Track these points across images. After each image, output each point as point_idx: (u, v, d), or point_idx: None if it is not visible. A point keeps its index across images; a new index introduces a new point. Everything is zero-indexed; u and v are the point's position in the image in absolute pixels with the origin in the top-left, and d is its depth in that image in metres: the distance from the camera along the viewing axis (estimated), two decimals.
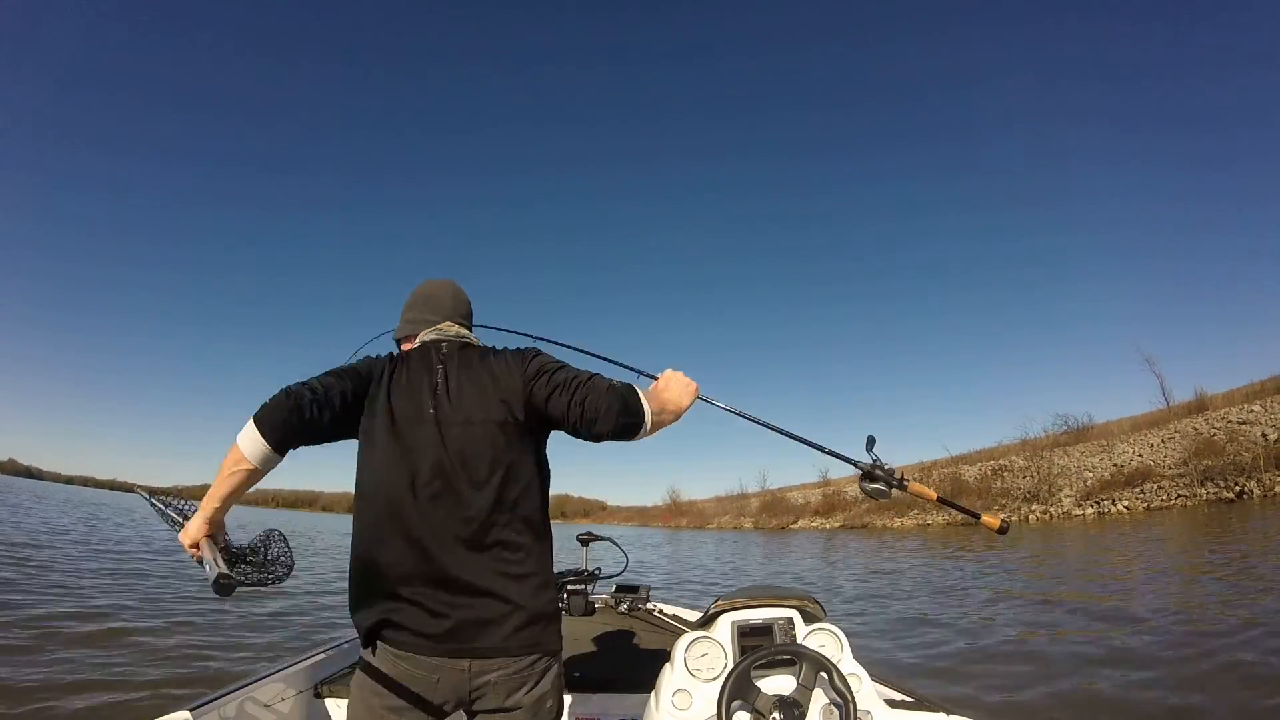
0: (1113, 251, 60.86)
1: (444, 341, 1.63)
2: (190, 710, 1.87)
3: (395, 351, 1.71)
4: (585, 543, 4.01)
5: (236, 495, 1.43)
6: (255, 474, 1.42)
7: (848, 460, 1.97)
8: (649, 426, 1.54)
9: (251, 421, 1.39)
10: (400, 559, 1.42)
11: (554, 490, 1.63)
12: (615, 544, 3.94)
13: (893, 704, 2.14)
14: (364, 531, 1.46)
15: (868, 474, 1.92)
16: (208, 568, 1.28)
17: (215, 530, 1.43)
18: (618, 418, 1.49)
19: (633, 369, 1.94)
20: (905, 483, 1.90)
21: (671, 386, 1.62)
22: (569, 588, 3.67)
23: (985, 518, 1.92)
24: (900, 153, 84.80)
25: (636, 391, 1.54)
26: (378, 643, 1.44)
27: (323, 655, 2.65)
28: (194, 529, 1.41)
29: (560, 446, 1.72)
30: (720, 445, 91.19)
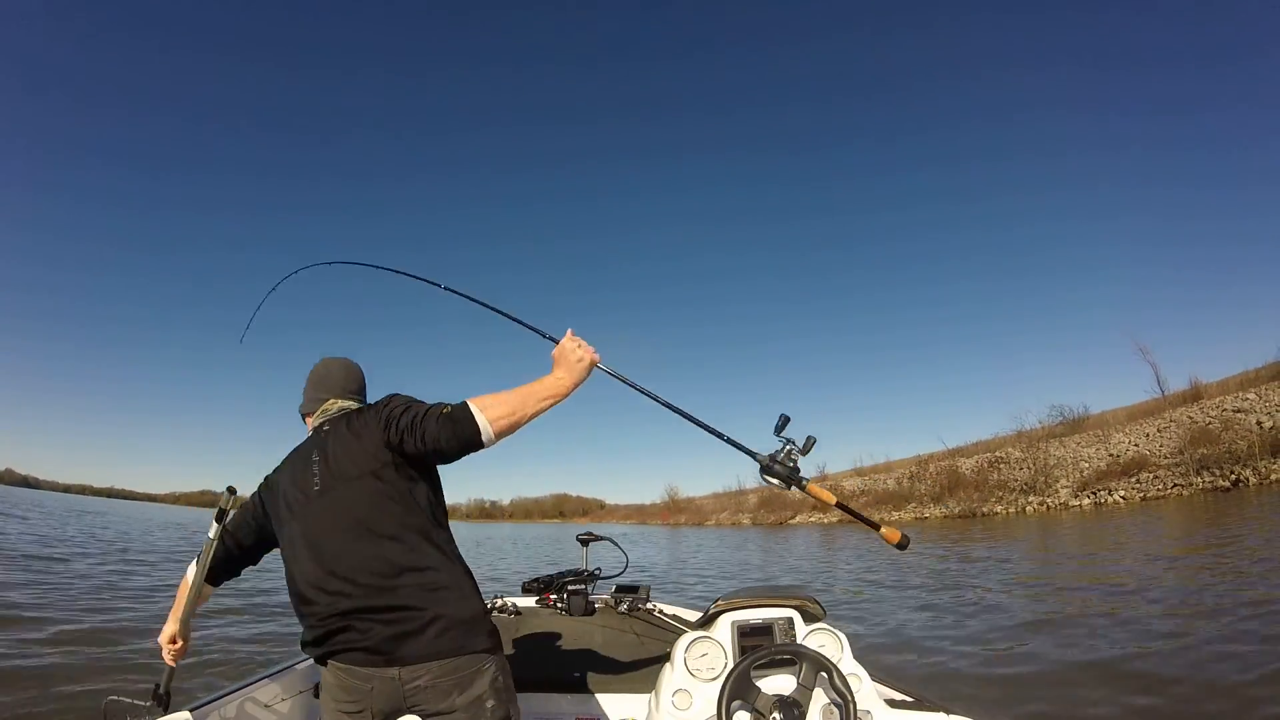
0: (1106, 240, 61.05)
1: (326, 422, 1.86)
2: (190, 710, 1.89)
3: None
4: (585, 543, 4.01)
5: (193, 609, 1.91)
6: (201, 597, 1.93)
7: (744, 450, 1.88)
8: (493, 435, 1.65)
9: (192, 563, 1.86)
10: (326, 608, 1.62)
11: (553, 490, 1.75)
12: (615, 544, 3.94)
13: (893, 704, 2.15)
14: (296, 594, 1.69)
15: (765, 467, 1.84)
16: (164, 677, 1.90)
17: (183, 635, 1.91)
18: (450, 441, 1.66)
19: (537, 330, 1.95)
20: (804, 481, 1.83)
21: (561, 362, 1.73)
22: (569, 588, 3.68)
23: (884, 530, 1.87)
24: (895, 144, 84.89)
25: (469, 410, 1.64)
26: (328, 661, 1.65)
27: None
28: (166, 632, 1.90)
29: (559, 447, 1.77)
30: (717, 441, 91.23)
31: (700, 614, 2.50)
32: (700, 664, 2.10)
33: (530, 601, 3.75)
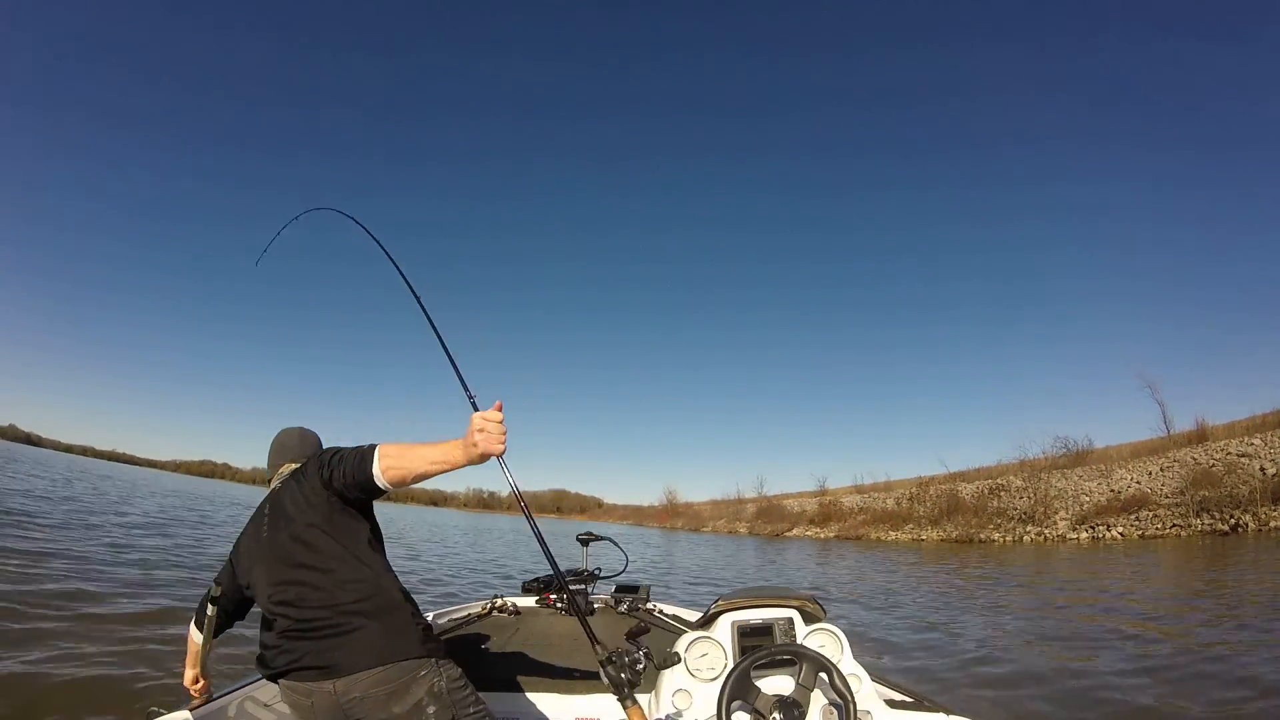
0: (1119, 274, 60.51)
1: (279, 480, 2.01)
2: (190, 710, 1.94)
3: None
4: (585, 543, 4.03)
5: (206, 659, 2.09)
6: (203, 649, 2.07)
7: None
8: (385, 483, 1.75)
9: (192, 625, 2.05)
10: (274, 630, 1.79)
11: (552, 486, 1.75)
12: (615, 544, 3.97)
13: (892, 704, 2.16)
14: (262, 621, 1.87)
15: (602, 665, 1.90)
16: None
17: (204, 676, 2.10)
18: (352, 479, 1.77)
19: (466, 388, 1.89)
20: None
21: (468, 434, 1.67)
22: (569, 588, 3.72)
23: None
24: (906, 163, 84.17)
25: (372, 455, 1.74)
26: (277, 680, 1.78)
27: None
28: (188, 676, 2.10)
29: (558, 442, 1.84)
30: (718, 447, 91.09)
31: (700, 614, 2.51)
32: (700, 664, 2.10)
33: (530, 601, 3.77)
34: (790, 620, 2.17)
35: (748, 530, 40.10)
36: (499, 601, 3.68)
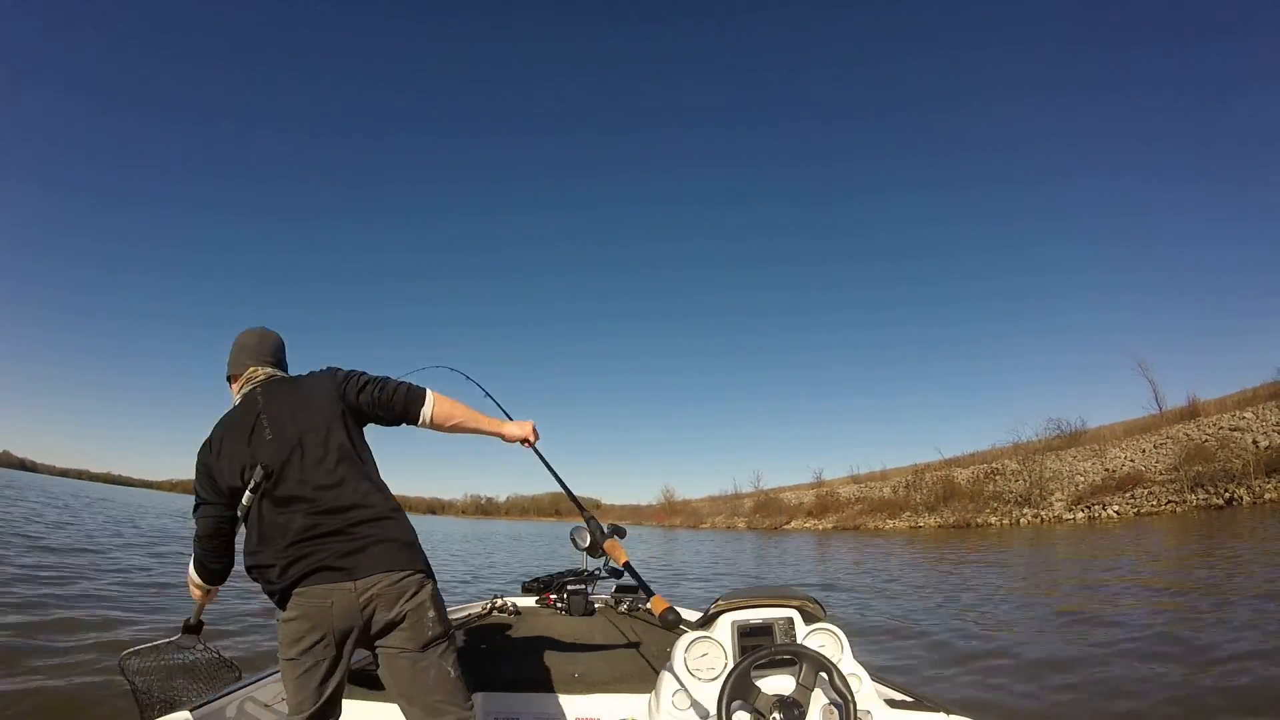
0: (1108, 257, 61.13)
1: (257, 386, 2.03)
2: (190, 710, 1.91)
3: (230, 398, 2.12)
4: None
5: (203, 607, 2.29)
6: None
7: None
8: (429, 420, 2.08)
9: (195, 578, 2.11)
10: (290, 539, 1.79)
11: (549, 488, 1.94)
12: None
13: (893, 704, 2.15)
14: (258, 539, 1.83)
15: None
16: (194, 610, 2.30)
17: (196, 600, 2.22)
18: (399, 406, 2.05)
19: (505, 412, 2.41)
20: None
21: (514, 424, 2.25)
22: (569, 588, 3.70)
23: (655, 600, 2.03)
24: (897, 163, 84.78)
25: (425, 394, 2.08)
26: (291, 593, 1.77)
27: None
28: (192, 578, 2.13)
29: (555, 444, 2.22)
30: (714, 445, 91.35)
31: (700, 614, 2.50)
32: (700, 664, 2.08)
33: (530, 601, 3.77)
34: (790, 620, 2.15)
35: (746, 525, 40.22)
36: (499, 602, 3.68)
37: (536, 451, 2.33)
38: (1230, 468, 17.33)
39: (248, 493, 1.84)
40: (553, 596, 3.81)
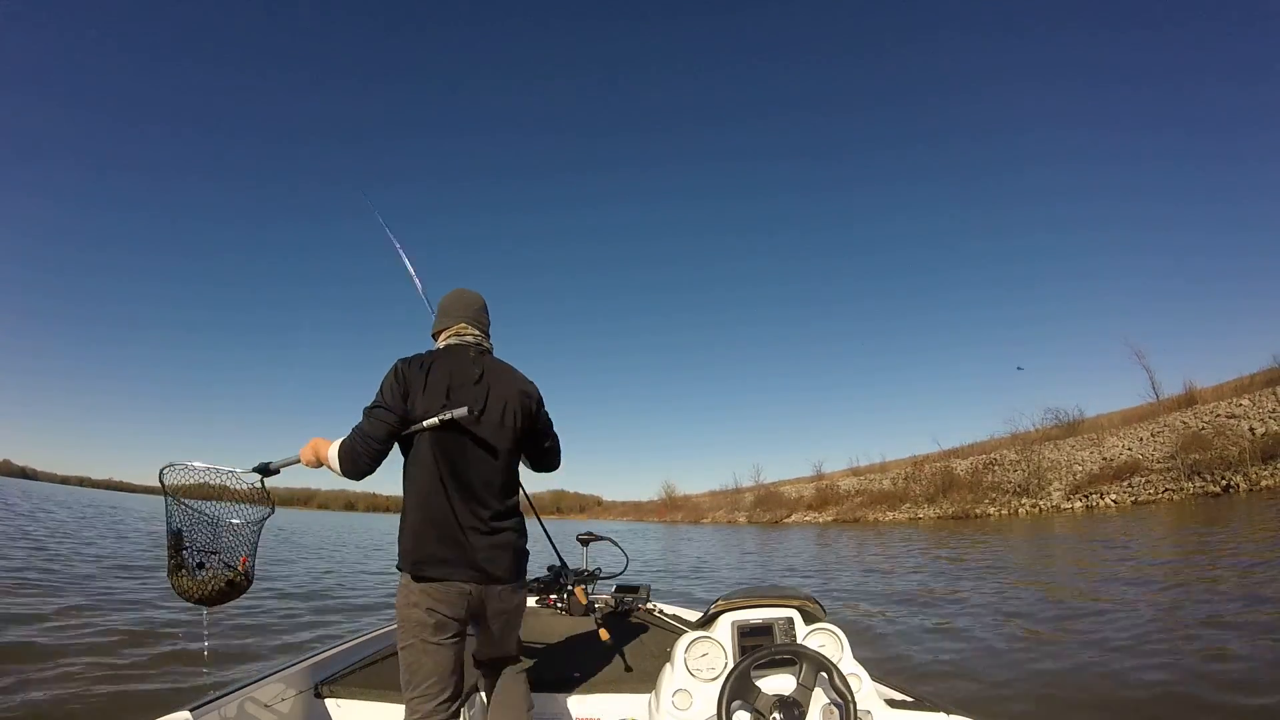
0: (1103, 246, 61.16)
1: (474, 349, 2.15)
2: (190, 710, 1.90)
3: (434, 348, 2.23)
4: (585, 542, 4.03)
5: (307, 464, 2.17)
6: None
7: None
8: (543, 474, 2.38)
9: (336, 458, 2.01)
10: (456, 525, 1.96)
11: (550, 486, 2.01)
12: (616, 544, 3.96)
13: (893, 704, 2.16)
14: (417, 499, 1.98)
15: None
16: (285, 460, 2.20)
17: (306, 462, 2.15)
18: (546, 457, 2.31)
19: None
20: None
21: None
22: (569, 587, 3.71)
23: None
24: (894, 153, 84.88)
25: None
26: (424, 578, 1.93)
27: (322, 655, 2.68)
28: (306, 454, 2.12)
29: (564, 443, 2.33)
30: (714, 440, 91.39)
31: (700, 614, 2.50)
32: (700, 664, 2.09)
33: (530, 601, 3.78)
34: (790, 620, 2.15)
35: (747, 519, 40.30)
36: None
37: None
38: (1227, 455, 17.41)
39: (434, 419, 1.94)
40: (553, 597, 3.81)
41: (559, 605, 3.70)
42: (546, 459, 2.29)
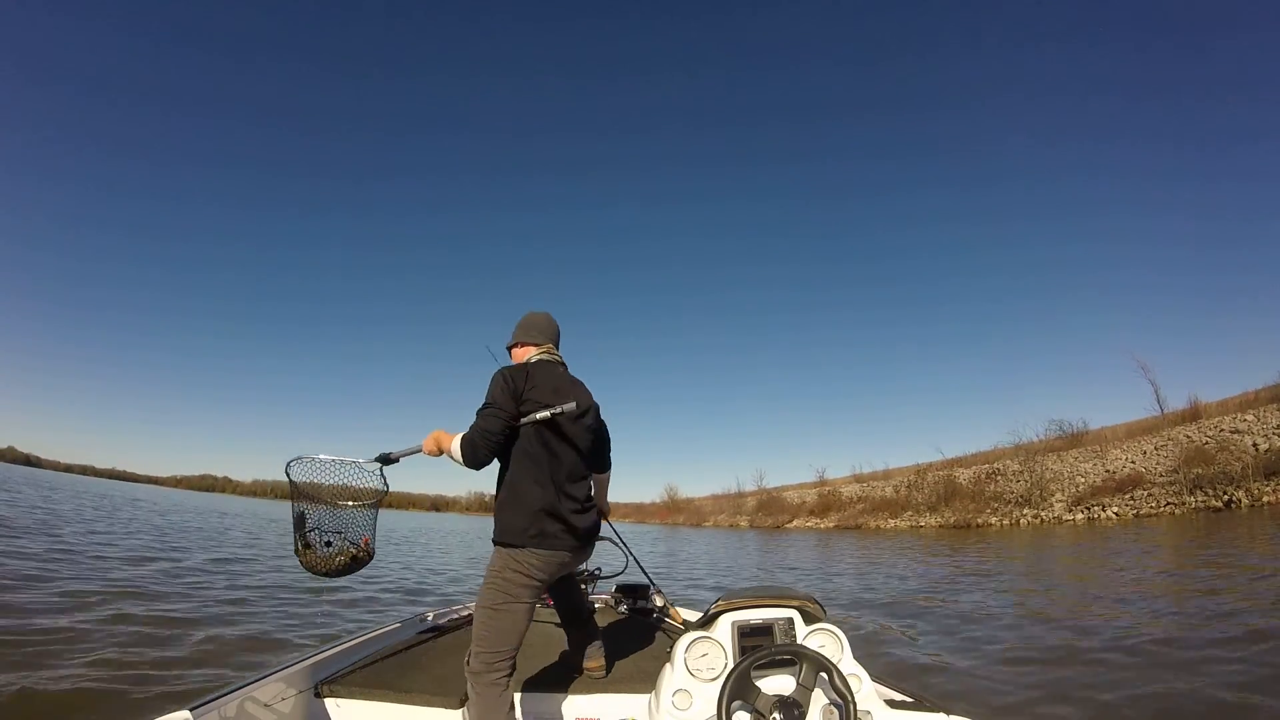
0: (1111, 260, 61.11)
1: (559, 365, 2.62)
2: (190, 710, 1.90)
3: (524, 361, 2.62)
4: None
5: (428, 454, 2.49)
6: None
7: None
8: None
9: (459, 449, 2.32)
10: (560, 506, 2.36)
11: None
12: (616, 544, 3.98)
13: (893, 704, 2.17)
14: (530, 484, 2.34)
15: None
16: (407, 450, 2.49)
17: (428, 451, 2.46)
18: (601, 459, 2.78)
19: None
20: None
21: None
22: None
23: None
24: (901, 163, 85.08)
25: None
26: (538, 543, 2.29)
27: (322, 655, 2.69)
28: (429, 444, 2.44)
29: None
30: (717, 443, 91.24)
31: (700, 614, 2.51)
32: (700, 664, 2.10)
33: None
34: (790, 620, 2.16)
35: (748, 524, 40.21)
36: None
37: None
38: (1229, 470, 17.30)
39: (546, 412, 2.31)
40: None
41: None
42: (606, 459, 2.81)
